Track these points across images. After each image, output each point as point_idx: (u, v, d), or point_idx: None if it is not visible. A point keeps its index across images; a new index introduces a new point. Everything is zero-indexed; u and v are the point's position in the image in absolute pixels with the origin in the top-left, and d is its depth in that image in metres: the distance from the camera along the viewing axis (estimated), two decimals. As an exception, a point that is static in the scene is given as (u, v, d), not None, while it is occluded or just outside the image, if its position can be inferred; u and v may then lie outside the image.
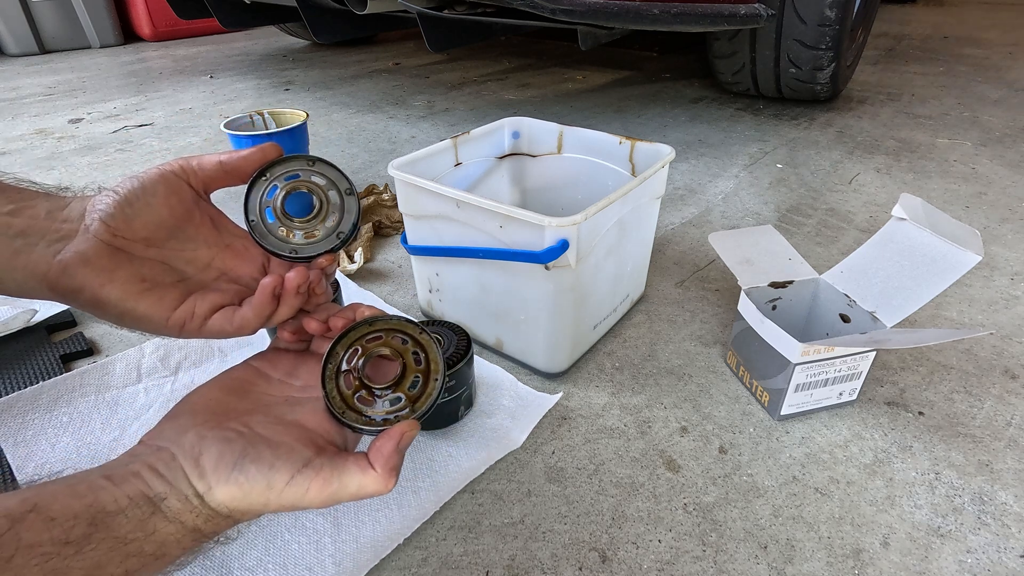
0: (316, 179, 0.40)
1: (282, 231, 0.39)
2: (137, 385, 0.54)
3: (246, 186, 0.39)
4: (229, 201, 0.59)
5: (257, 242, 0.39)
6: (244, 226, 0.39)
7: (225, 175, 0.39)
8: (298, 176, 0.40)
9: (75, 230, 0.35)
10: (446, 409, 0.49)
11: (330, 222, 0.40)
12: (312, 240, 0.40)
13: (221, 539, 0.31)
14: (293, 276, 0.37)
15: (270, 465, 0.29)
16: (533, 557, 0.41)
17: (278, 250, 0.39)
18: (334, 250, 0.40)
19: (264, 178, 0.39)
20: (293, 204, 0.40)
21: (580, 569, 0.40)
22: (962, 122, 1.30)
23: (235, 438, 0.31)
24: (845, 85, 1.49)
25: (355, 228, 0.40)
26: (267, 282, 0.37)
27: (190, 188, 0.39)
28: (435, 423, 0.49)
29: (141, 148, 1.20)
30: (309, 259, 0.39)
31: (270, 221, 0.39)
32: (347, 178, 0.40)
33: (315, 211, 0.40)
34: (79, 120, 1.39)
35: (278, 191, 0.39)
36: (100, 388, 0.54)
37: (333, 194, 0.40)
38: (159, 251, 0.38)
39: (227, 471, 0.29)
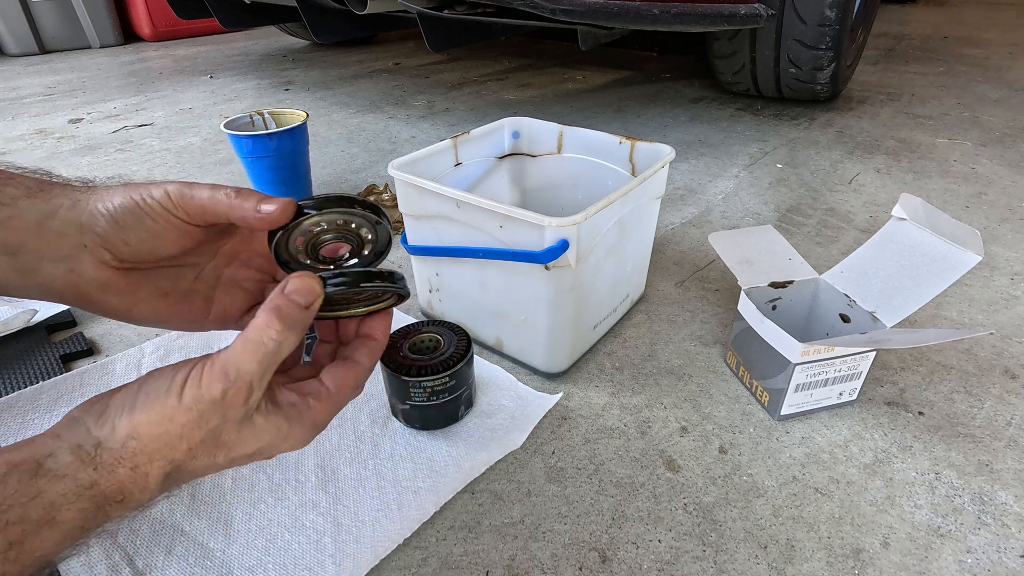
0: (350, 223, 0.36)
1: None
2: (137, 385, 0.54)
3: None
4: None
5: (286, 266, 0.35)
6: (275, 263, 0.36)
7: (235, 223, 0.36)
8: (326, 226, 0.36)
9: (75, 249, 0.33)
10: (446, 409, 0.49)
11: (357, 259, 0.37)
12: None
13: (131, 508, 0.28)
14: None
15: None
16: (533, 557, 0.41)
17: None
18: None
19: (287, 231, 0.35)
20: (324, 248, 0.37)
21: (580, 569, 0.40)
22: (962, 122, 1.30)
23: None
24: (845, 85, 1.49)
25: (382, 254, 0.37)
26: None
27: (195, 228, 0.36)
28: (435, 423, 0.49)
29: (141, 148, 1.20)
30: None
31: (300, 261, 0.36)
32: (375, 213, 0.36)
33: (346, 255, 0.37)
34: (79, 120, 1.39)
35: (307, 240, 0.36)
36: (100, 387, 0.54)
37: (365, 231, 0.36)
38: (170, 262, 0.36)
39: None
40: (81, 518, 0.27)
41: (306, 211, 0.34)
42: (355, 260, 0.37)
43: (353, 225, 0.36)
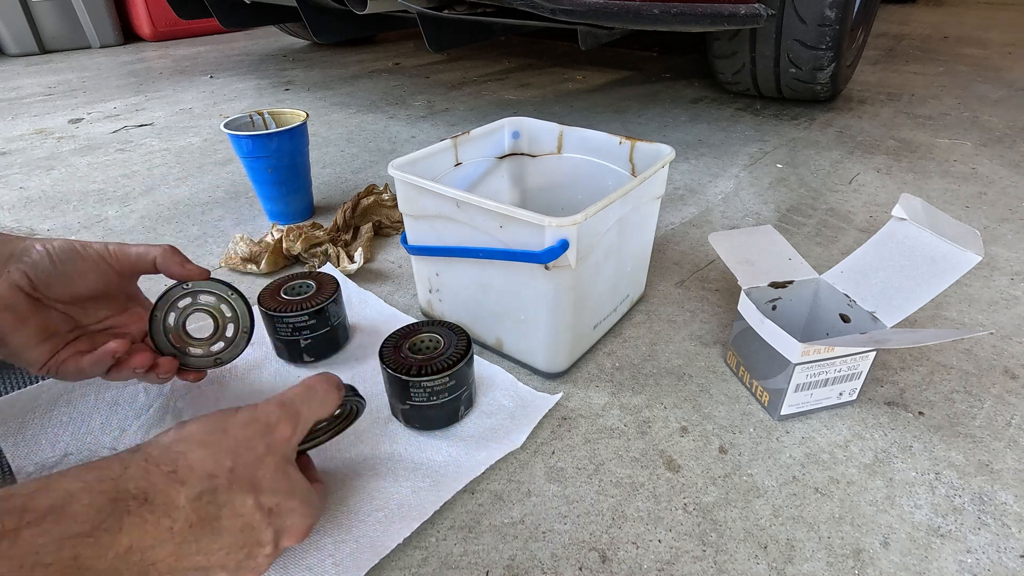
0: (222, 306, 0.48)
1: (176, 342, 0.48)
2: (137, 385, 0.54)
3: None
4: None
5: (152, 337, 0.47)
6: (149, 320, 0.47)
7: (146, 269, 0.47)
8: (201, 300, 0.48)
9: None
10: (446, 409, 0.49)
11: (217, 346, 0.49)
12: (198, 354, 0.48)
13: (152, 517, 0.28)
14: (138, 358, 0.44)
15: None
16: (533, 557, 0.41)
17: (164, 349, 0.47)
18: (202, 368, 0.49)
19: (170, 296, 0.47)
20: (192, 323, 0.49)
21: (580, 569, 0.40)
22: (962, 122, 1.30)
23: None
24: (845, 85, 1.49)
25: (236, 355, 0.49)
26: (111, 346, 0.42)
27: (116, 274, 0.46)
28: (435, 423, 0.49)
29: (141, 148, 1.20)
30: (188, 367, 0.48)
31: (170, 328, 0.48)
32: (242, 308, 0.49)
33: (210, 334, 0.49)
34: (79, 120, 1.39)
35: (182, 311, 0.48)
36: (100, 388, 0.54)
37: (230, 324, 0.49)
38: (67, 307, 0.44)
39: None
40: (94, 513, 0.26)
41: (181, 287, 0.47)
42: (220, 343, 0.49)
43: (221, 306, 0.48)
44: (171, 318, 0.47)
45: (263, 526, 0.32)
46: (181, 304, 0.47)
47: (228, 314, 0.49)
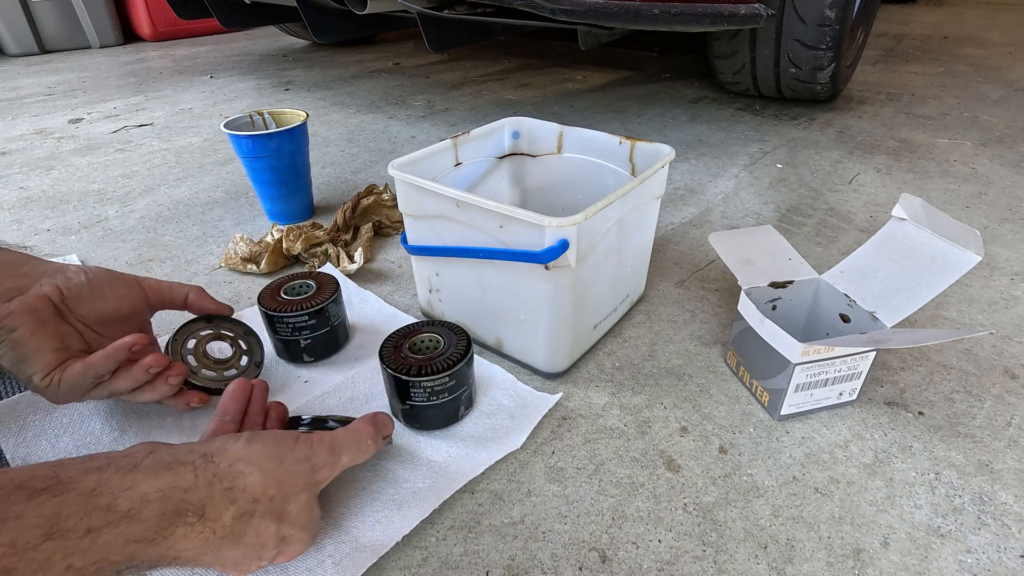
0: (239, 340, 0.54)
1: (191, 362, 0.52)
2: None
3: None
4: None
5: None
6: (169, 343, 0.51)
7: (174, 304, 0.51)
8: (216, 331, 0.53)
9: (28, 286, 0.43)
10: (446, 409, 0.49)
11: (230, 372, 0.53)
12: (210, 376, 0.52)
13: (200, 535, 0.31)
14: (152, 357, 0.44)
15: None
16: (533, 557, 0.41)
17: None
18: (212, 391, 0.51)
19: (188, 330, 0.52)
20: (212, 349, 0.54)
21: (580, 569, 0.40)
22: (962, 122, 1.30)
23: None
24: (845, 85, 1.49)
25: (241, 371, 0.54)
26: (127, 340, 0.43)
27: (145, 302, 0.49)
28: (435, 423, 0.49)
29: (141, 148, 1.20)
30: (196, 386, 0.50)
31: (188, 350, 0.52)
32: (256, 343, 0.55)
33: (226, 358, 0.54)
34: (79, 120, 1.39)
35: (201, 338, 0.53)
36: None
37: (244, 355, 0.54)
38: (86, 328, 0.46)
39: None
40: (159, 520, 0.29)
41: (204, 319, 0.52)
42: (234, 370, 0.53)
43: (238, 340, 0.54)
44: (191, 342, 0.52)
45: (271, 547, 0.35)
46: (202, 332, 0.52)
47: (244, 347, 0.54)
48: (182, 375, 0.47)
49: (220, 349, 0.55)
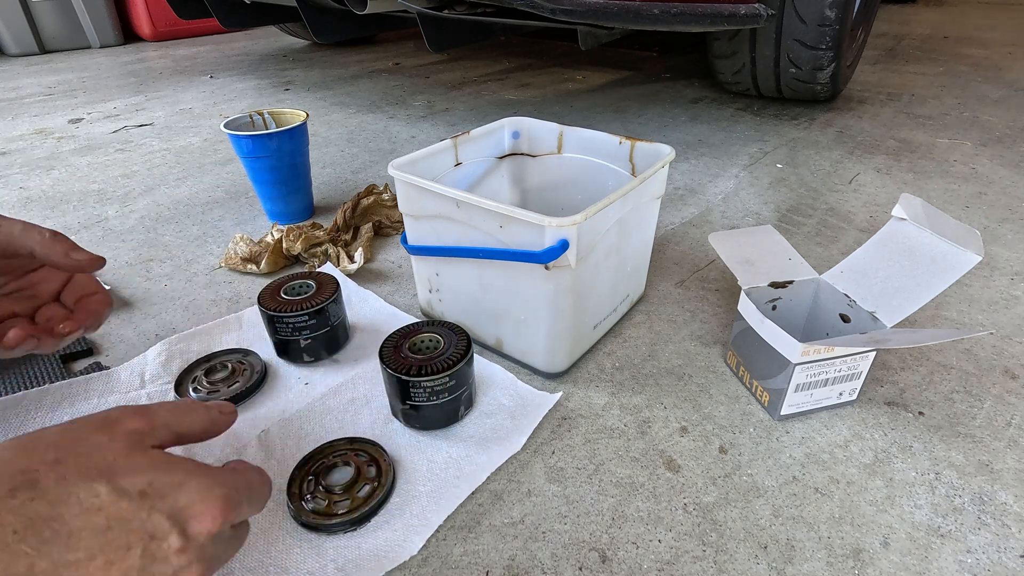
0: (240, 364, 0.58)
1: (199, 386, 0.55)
2: (140, 391, 0.54)
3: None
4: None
5: None
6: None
7: None
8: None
9: None
10: (446, 409, 0.49)
11: (234, 386, 0.55)
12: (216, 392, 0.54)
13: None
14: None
15: None
16: (533, 557, 0.41)
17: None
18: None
19: None
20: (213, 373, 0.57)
21: (580, 569, 0.40)
22: (962, 122, 1.30)
23: None
24: (845, 85, 1.49)
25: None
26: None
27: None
28: (435, 423, 0.49)
29: (141, 148, 1.20)
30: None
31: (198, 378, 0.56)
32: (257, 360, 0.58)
33: (225, 375, 0.56)
34: (79, 120, 1.39)
35: (208, 369, 0.57)
36: (104, 392, 0.54)
37: (246, 371, 0.57)
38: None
39: None
40: None
41: (207, 358, 0.58)
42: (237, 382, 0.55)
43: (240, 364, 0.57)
44: (199, 370, 0.57)
45: (142, 514, 0.25)
46: (206, 365, 0.57)
47: (244, 368, 0.57)
48: (71, 327, 0.42)
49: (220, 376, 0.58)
